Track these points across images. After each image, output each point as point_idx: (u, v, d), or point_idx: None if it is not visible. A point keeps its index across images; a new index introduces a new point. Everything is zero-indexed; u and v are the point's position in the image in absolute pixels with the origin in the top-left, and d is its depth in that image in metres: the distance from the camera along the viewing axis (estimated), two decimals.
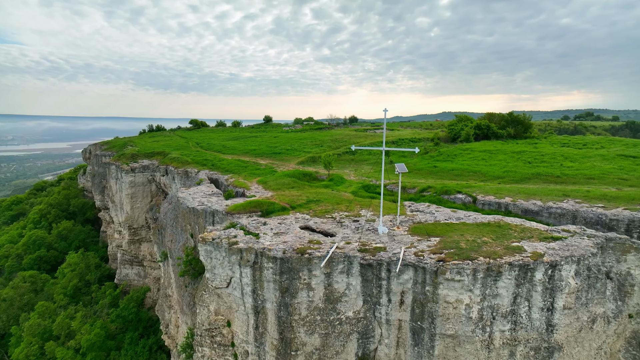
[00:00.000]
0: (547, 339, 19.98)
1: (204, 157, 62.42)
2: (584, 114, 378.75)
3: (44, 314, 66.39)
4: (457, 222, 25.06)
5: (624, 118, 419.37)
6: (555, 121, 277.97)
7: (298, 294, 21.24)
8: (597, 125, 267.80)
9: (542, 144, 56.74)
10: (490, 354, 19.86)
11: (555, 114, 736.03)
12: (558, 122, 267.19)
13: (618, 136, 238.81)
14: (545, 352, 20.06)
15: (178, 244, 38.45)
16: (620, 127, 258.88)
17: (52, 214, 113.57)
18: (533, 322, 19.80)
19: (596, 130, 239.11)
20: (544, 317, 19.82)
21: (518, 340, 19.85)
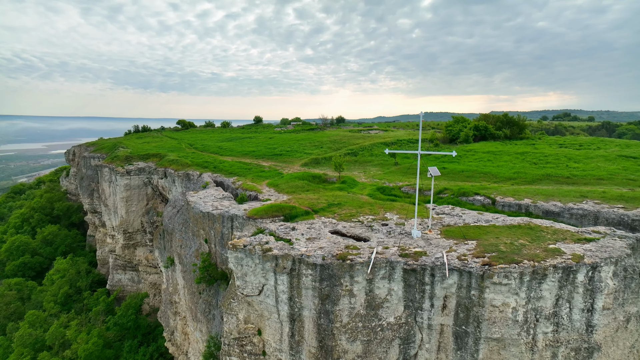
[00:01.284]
0: (587, 339, 20.28)
1: (204, 159, 61.11)
2: (562, 115, 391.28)
3: (34, 323, 63.67)
4: (487, 225, 25.21)
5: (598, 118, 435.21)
6: (535, 121, 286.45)
7: (340, 301, 20.89)
8: (575, 125, 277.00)
9: (540, 144, 58.04)
10: (534, 356, 20.02)
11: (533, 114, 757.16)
12: (538, 122, 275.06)
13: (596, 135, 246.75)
14: (585, 352, 20.36)
15: (190, 250, 37.41)
16: (596, 127, 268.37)
17: (35, 218, 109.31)
18: (574, 323, 20.07)
19: (575, 130, 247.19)
20: (584, 318, 20.11)
21: (560, 342, 20.08)
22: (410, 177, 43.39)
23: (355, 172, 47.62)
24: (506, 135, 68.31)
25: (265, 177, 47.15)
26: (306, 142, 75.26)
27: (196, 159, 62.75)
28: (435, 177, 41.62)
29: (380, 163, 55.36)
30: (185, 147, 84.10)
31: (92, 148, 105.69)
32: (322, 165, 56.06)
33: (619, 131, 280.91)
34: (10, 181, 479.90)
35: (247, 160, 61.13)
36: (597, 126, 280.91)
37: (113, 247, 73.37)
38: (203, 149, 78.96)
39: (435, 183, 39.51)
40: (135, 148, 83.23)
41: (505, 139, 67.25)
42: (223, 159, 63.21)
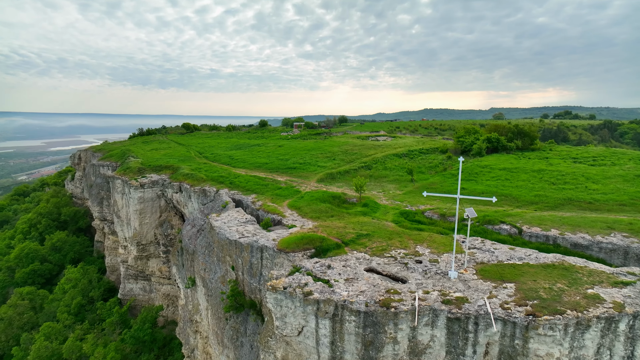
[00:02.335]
0: None
1: (218, 174, 61.24)
2: (563, 113, 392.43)
3: (49, 335, 64.04)
4: (521, 264, 25.52)
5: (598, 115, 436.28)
6: (537, 120, 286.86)
7: (384, 348, 21.22)
8: (577, 124, 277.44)
9: (553, 159, 58.29)
10: None
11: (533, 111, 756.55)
12: (540, 121, 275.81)
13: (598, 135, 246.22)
14: None
15: (215, 275, 37.68)
16: (598, 127, 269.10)
17: (42, 223, 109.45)
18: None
19: (577, 130, 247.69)
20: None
21: None
22: (431, 198, 43.65)
23: (374, 191, 47.84)
24: (518, 147, 68.56)
25: (284, 196, 47.36)
26: (317, 152, 75.39)
27: (210, 172, 62.89)
28: (453, 199, 41.89)
29: (396, 179, 55.61)
30: (195, 156, 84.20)
31: (100, 155, 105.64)
32: (337, 180, 56.28)
33: (621, 130, 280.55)
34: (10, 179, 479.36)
35: (261, 174, 61.28)
36: (598, 125, 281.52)
37: (125, 258, 73.64)
38: (214, 159, 79.08)
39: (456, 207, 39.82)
40: (146, 157, 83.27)
41: (517, 151, 67.52)
42: (237, 172, 63.35)
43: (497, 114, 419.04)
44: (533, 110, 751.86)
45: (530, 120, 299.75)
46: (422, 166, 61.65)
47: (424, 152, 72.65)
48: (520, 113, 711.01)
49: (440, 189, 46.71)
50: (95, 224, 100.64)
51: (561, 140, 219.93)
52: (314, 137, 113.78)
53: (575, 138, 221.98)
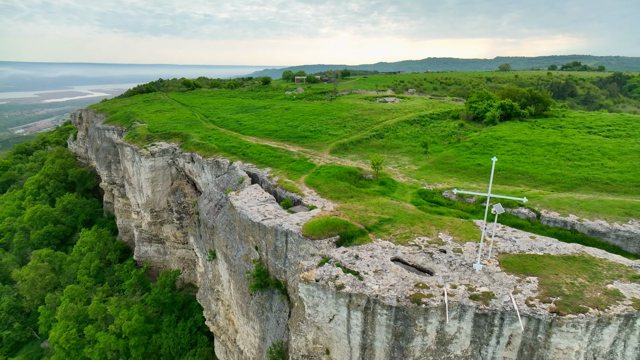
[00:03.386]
0: None
1: (229, 143, 60.90)
2: (571, 64, 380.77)
3: (73, 297, 67.39)
4: (542, 254, 26.48)
5: (607, 66, 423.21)
6: (545, 73, 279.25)
7: (413, 339, 22.73)
8: (585, 77, 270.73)
9: (567, 128, 57.78)
10: None
11: (540, 60, 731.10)
12: (548, 74, 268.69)
13: (606, 89, 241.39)
14: None
15: (237, 252, 38.98)
16: (607, 80, 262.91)
17: (50, 185, 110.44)
18: (626, 358, 22.12)
19: (585, 84, 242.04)
20: (636, 354, 22.12)
21: None
22: (447, 175, 43.99)
23: (390, 166, 47.96)
24: (531, 113, 67.66)
25: (299, 170, 47.56)
26: (326, 118, 74.31)
27: (221, 142, 62.50)
28: (475, 178, 42.27)
29: (409, 150, 55.51)
30: (201, 120, 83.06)
31: (102, 116, 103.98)
32: (350, 151, 56.19)
33: (630, 84, 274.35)
34: (7, 132, 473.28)
35: (272, 143, 60.94)
36: (607, 78, 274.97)
37: (139, 223, 75.32)
38: (221, 124, 78.07)
39: (474, 185, 40.35)
40: (151, 122, 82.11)
41: (530, 117, 66.73)
42: (247, 140, 62.93)
43: (503, 65, 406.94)
44: (540, 59, 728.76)
45: (538, 73, 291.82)
46: (434, 135, 61.21)
47: (435, 118, 71.72)
48: (527, 63, 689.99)
49: (456, 164, 46.85)
50: (103, 185, 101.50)
51: (569, 96, 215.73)
52: (319, 96, 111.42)
53: (583, 93, 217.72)
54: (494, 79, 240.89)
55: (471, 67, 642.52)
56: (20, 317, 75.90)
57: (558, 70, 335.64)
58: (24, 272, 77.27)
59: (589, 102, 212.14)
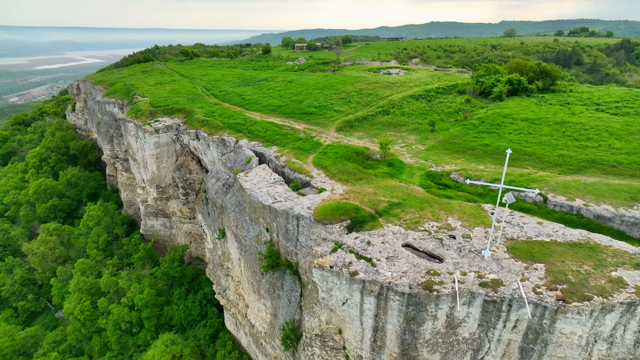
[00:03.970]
0: (632, 352, 23.80)
1: (234, 120, 60.44)
2: (579, 29, 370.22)
3: (85, 271, 69.26)
4: (549, 241, 27.25)
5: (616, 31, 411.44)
6: (552, 40, 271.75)
7: (424, 323, 23.88)
8: (592, 44, 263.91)
9: (575, 105, 57.30)
10: None
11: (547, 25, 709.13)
12: (555, 41, 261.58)
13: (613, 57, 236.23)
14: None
15: (248, 233, 39.82)
16: (615, 47, 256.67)
17: (52, 158, 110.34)
18: (625, 341, 23.39)
19: (592, 51, 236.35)
20: (635, 337, 23.36)
21: (610, 356, 23.64)
22: (455, 156, 44.18)
23: (397, 146, 47.96)
24: (538, 88, 66.79)
25: (307, 150, 47.62)
26: (331, 92, 73.25)
27: (225, 118, 62.01)
28: (482, 159, 42.56)
29: (415, 128, 55.31)
30: (203, 93, 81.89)
31: (101, 88, 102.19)
32: (356, 129, 55.98)
33: (638, 51, 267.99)
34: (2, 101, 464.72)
35: (277, 120, 60.50)
36: (615, 45, 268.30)
37: (145, 198, 76.02)
38: (224, 98, 77.01)
39: (482, 167, 40.67)
40: (153, 95, 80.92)
41: (537, 92, 65.95)
42: (251, 116, 62.41)
43: (509, 31, 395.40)
44: (547, 24, 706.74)
45: (544, 40, 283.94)
46: (440, 112, 60.74)
47: (441, 93, 70.78)
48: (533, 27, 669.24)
49: (463, 144, 46.89)
50: (105, 158, 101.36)
51: (575, 64, 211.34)
52: (321, 67, 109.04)
53: (590, 61, 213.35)
54: (499, 46, 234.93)
55: (475, 32, 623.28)
56: (33, 288, 78.34)
57: (565, 37, 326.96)
58: (34, 245, 78.87)
59: (595, 70, 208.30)
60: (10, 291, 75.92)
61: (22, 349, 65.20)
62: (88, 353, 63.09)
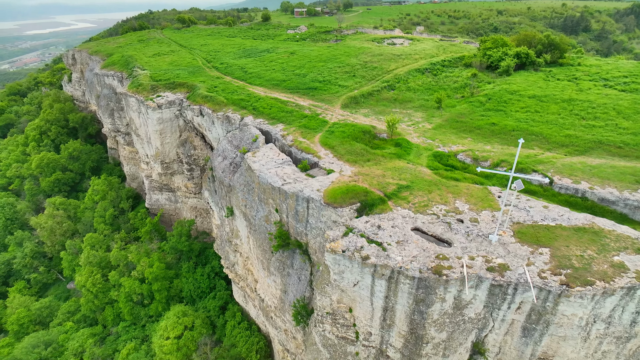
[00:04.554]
0: (628, 331, 25.21)
1: (238, 96, 59.78)
2: None
3: (94, 245, 70.80)
4: (555, 225, 28.04)
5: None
6: (560, 4, 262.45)
7: (433, 305, 25.07)
8: (601, 9, 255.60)
9: (583, 80, 56.61)
10: (585, 344, 25.23)
11: None
12: (563, 6, 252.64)
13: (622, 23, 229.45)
14: (625, 339, 25.54)
15: (257, 213, 40.57)
16: (625, 12, 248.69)
17: (52, 131, 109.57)
18: (622, 321, 24.70)
19: (601, 17, 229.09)
20: (632, 317, 24.65)
21: (608, 334, 25.06)
22: (462, 136, 44.26)
23: (403, 124, 47.82)
24: (546, 62, 65.65)
25: (313, 128, 47.55)
26: (334, 65, 71.90)
27: (228, 93, 61.32)
28: (489, 139, 42.70)
29: (421, 105, 54.90)
30: (204, 66, 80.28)
31: (98, 59, 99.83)
32: (362, 105, 55.57)
33: None
34: None
35: (281, 95, 59.83)
36: (625, 10, 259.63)
37: (149, 173, 76.38)
38: (226, 71, 75.58)
39: (489, 148, 40.91)
40: (152, 67, 79.34)
41: (545, 66, 64.90)
42: (255, 92, 61.65)
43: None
44: None
45: (552, 4, 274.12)
46: (447, 87, 60.03)
47: (447, 66, 69.56)
48: None
49: (470, 122, 46.81)
50: (106, 131, 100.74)
51: (582, 31, 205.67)
52: (323, 36, 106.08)
53: (598, 28, 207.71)
54: (505, 11, 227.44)
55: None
56: (43, 261, 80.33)
57: (574, 0, 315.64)
58: (42, 219, 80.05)
59: (603, 37, 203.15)
60: (22, 264, 77.92)
61: (38, 319, 67.89)
62: (102, 323, 65.80)
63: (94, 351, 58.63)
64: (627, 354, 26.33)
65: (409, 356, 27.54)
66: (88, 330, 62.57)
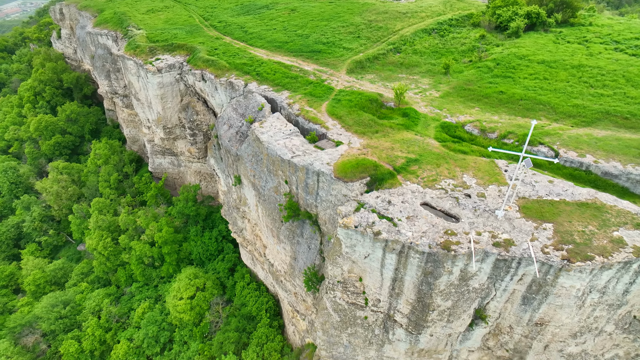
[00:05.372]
0: (620, 299, 27.14)
1: (240, 59, 58.27)
2: None
3: (101, 209, 72.15)
4: (559, 200, 29.06)
5: None
6: None
7: (440, 277, 26.65)
8: None
9: (593, 43, 55.29)
10: (579, 311, 27.24)
11: None
12: None
13: None
14: (616, 307, 27.58)
15: (266, 184, 41.31)
16: None
17: (47, 92, 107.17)
18: (616, 290, 26.54)
19: None
20: (625, 287, 26.47)
21: (601, 302, 27.00)
22: (469, 105, 44.11)
23: (410, 92, 47.20)
24: (557, 22, 63.63)
25: (319, 96, 47.09)
26: (338, 25, 69.33)
27: (230, 56, 59.83)
28: (497, 109, 42.81)
29: (428, 70, 53.95)
30: (202, 24, 77.24)
31: (88, 15, 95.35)
32: (368, 71, 54.59)
33: None
34: None
35: (285, 59, 58.35)
36: None
37: (151, 138, 76.02)
38: (225, 31, 72.79)
39: (496, 118, 41.04)
40: (148, 27, 76.25)
41: (556, 26, 63.04)
42: (258, 55, 60.03)
43: None
44: None
45: None
46: (454, 50, 58.60)
47: (454, 25, 67.34)
48: None
49: (478, 90, 46.39)
50: (103, 92, 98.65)
51: None
52: None
53: None
54: None
55: None
56: (52, 224, 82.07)
57: None
58: (47, 184, 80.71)
59: None
60: (31, 227, 79.68)
61: (53, 280, 70.80)
62: (115, 283, 68.81)
63: (110, 310, 61.93)
64: (617, 318, 28.53)
65: (415, 321, 29.68)
66: (103, 291, 65.61)
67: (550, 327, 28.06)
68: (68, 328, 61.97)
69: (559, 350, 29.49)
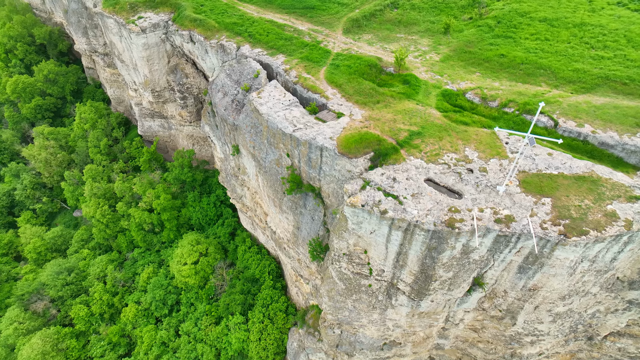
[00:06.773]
0: (608, 265, 29.21)
1: (230, 18, 55.10)
2: None
3: (95, 177, 71.28)
4: (557, 174, 30.00)
5: None
6: None
7: (444, 252, 28.06)
8: None
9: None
10: (570, 277, 29.34)
11: None
12: None
13: None
14: (603, 272, 29.74)
15: (267, 156, 41.16)
16: None
17: (19, 49, 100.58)
18: (605, 259, 28.49)
19: None
20: (613, 255, 28.39)
21: (590, 270, 29.07)
22: (470, 70, 43.37)
23: (410, 56, 45.91)
24: None
25: (316, 61, 45.63)
26: None
27: (218, 14, 56.56)
28: (498, 74, 42.39)
29: (427, 29, 52.06)
30: None
31: None
32: (365, 30, 52.51)
33: None
34: None
35: (277, 18, 55.36)
36: None
37: (139, 101, 73.28)
38: None
39: (497, 85, 40.73)
40: None
41: None
42: (248, 13, 56.75)
43: None
44: None
45: None
46: (453, 5, 56.15)
47: None
48: None
49: (479, 53, 45.35)
50: (80, 49, 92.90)
51: None
52: None
53: None
54: None
55: None
56: (45, 191, 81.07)
57: None
58: (34, 151, 78.51)
59: None
60: (24, 195, 78.70)
61: (53, 247, 71.57)
62: (116, 249, 70.03)
63: (115, 275, 63.68)
64: (602, 281, 30.90)
65: (418, 290, 31.66)
66: (106, 257, 66.91)
67: (542, 291, 30.33)
68: (75, 294, 63.94)
69: (548, 310, 32.14)
